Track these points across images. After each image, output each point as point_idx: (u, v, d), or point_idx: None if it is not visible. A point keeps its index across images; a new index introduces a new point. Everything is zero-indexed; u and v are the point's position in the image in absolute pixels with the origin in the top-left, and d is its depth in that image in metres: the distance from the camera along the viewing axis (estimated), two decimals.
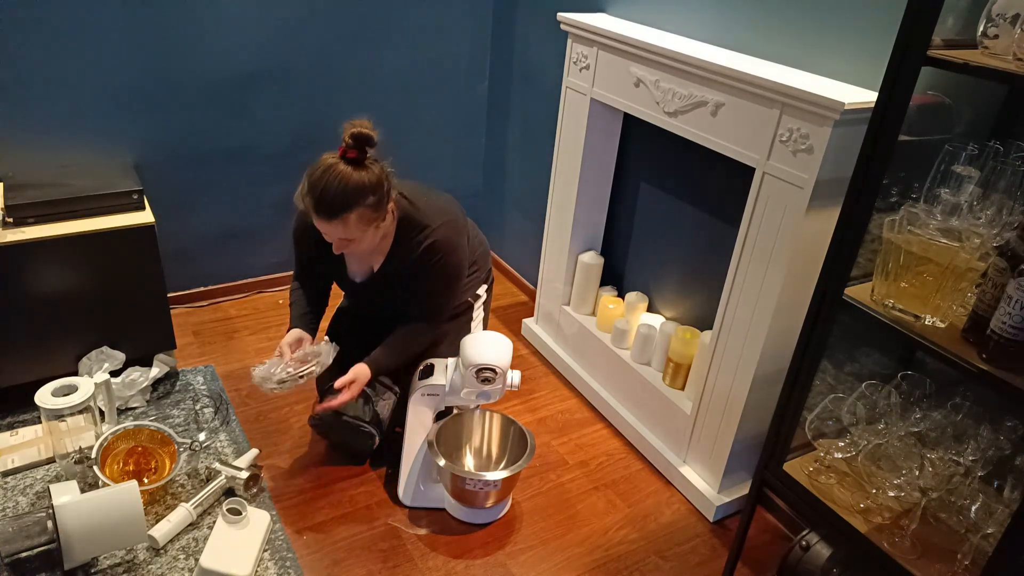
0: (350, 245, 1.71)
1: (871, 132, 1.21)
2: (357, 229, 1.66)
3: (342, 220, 1.62)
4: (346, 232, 1.66)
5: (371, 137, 1.63)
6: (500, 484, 1.79)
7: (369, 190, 1.62)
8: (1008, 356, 1.10)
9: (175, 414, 2.13)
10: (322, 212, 1.62)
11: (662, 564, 1.81)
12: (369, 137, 1.62)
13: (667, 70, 1.84)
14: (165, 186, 2.44)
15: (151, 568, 1.64)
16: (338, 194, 1.60)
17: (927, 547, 1.33)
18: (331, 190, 1.60)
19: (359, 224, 1.65)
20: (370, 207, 1.64)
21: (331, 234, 1.68)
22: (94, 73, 2.21)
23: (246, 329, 2.60)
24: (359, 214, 1.63)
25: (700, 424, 1.97)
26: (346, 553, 1.76)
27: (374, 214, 1.66)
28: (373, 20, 2.58)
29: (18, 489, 1.82)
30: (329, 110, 2.64)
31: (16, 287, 1.96)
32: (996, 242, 1.18)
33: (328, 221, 1.63)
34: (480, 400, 1.81)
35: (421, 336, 1.90)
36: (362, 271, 1.92)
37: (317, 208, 1.62)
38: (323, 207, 1.61)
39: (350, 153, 1.62)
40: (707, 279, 2.08)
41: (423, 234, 1.80)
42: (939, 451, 1.33)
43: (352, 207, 1.61)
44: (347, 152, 1.62)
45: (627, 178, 2.33)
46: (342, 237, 1.68)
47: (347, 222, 1.63)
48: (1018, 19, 1.07)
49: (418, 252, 1.80)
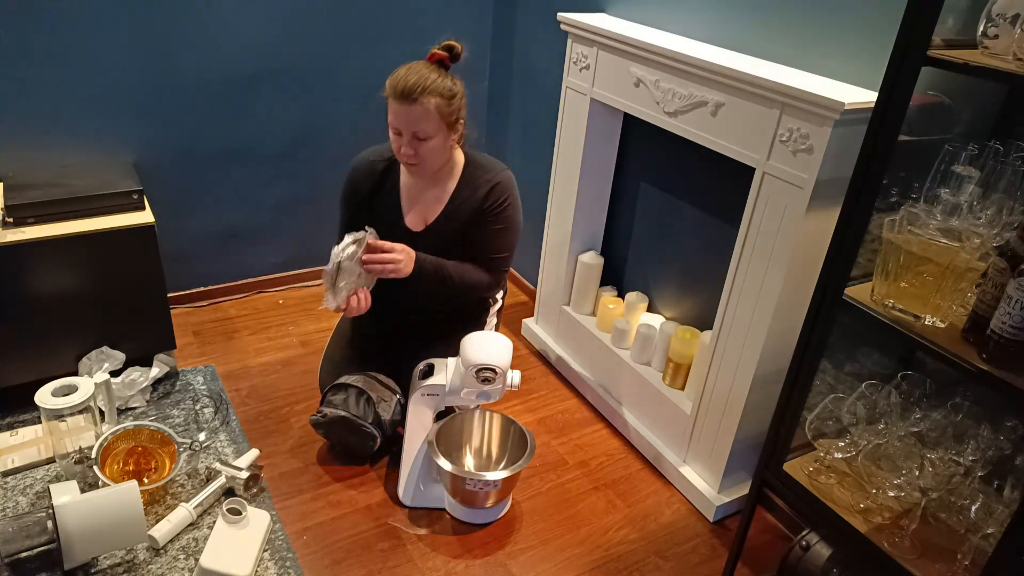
0: (421, 148, 1.74)
1: (871, 132, 1.21)
2: (434, 121, 1.72)
3: (421, 103, 1.69)
4: (423, 121, 1.71)
5: (459, 49, 1.78)
6: (500, 484, 1.79)
7: (446, 84, 1.74)
8: (1008, 356, 1.10)
9: (175, 414, 2.13)
10: (404, 94, 1.69)
11: (662, 564, 1.81)
12: (457, 49, 1.78)
13: (667, 70, 1.84)
14: (165, 186, 2.45)
15: (151, 568, 1.64)
16: (420, 78, 1.70)
17: (927, 547, 1.33)
18: (413, 74, 1.71)
19: (436, 116, 1.72)
20: (447, 100, 1.73)
21: (408, 123, 1.72)
22: (94, 73, 2.21)
23: (246, 329, 2.60)
24: (438, 103, 1.71)
25: (700, 424, 1.97)
26: (346, 553, 1.76)
27: (450, 110, 1.74)
28: (373, 21, 2.58)
29: (18, 489, 1.82)
30: (329, 110, 2.64)
31: (16, 287, 1.96)
32: (996, 242, 1.18)
33: (409, 103, 1.69)
34: (480, 400, 1.81)
35: (479, 278, 1.90)
36: (418, 221, 1.92)
37: (399, 89, 1.69)
38: (405, 88, 1.69)
39: (437, 56, 1.76)
40: (707, 279, 2.08)
41: (488, 175, 1.88)
42: (939, 451, 1.33)
43: (431, 92, 1.70)
44: (434, 55, 1.76)
45: (627, 178, 2.33)
46: (417, 129, 1.72)
47: (425, 106, 1.69)
48: (1018, 19, 1.07)
49: (483, 192, 1.86)
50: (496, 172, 1.89)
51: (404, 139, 1.75)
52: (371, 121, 2.73)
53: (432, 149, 1.77)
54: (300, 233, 2.82)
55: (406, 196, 1.92)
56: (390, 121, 1.75)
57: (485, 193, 1.86)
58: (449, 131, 1.78)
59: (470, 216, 1.87)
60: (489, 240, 1.89)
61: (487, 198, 1.86)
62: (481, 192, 1.86)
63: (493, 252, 1.91)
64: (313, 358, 2.43)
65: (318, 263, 2.92)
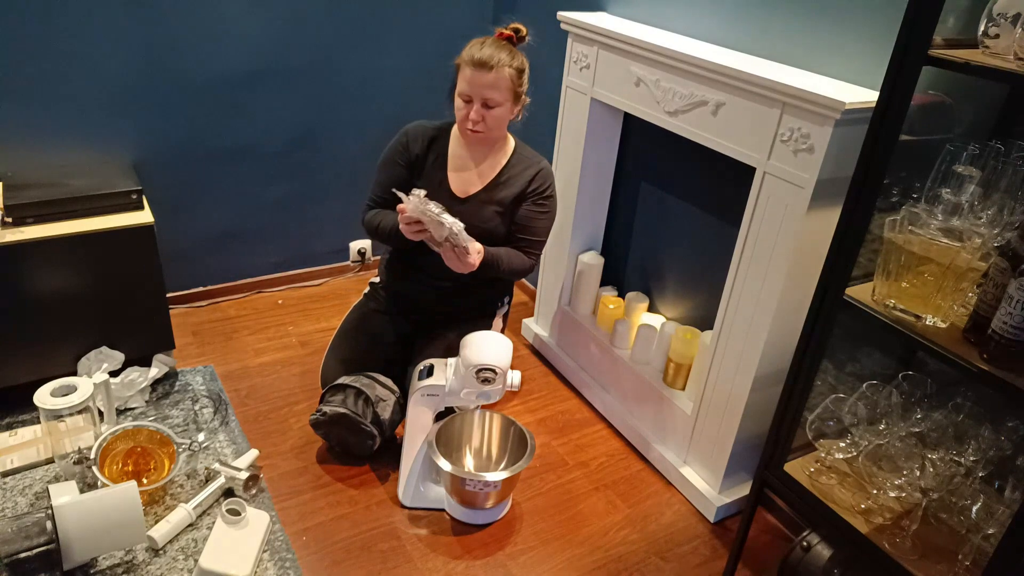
0: (488, 115, 1.82)
1: (872, 132, 1.21)
2: (505, 89, 1.80)
3: (497, 72, 1.78)
4: (496, 87, 1.79)
5: (523, 31, 1.86)
6: (500, 485, 1.78)
7: (520, 62, 1.84)
8: (1009, 356, 1.10)
9: (174, 414, 2.12)
10: (483, 61, 1.77)
11: (663, 565, 1.81)
12: (521, 29, 1.86)
13: (667, 69, 1.83)
14: (164, 186, 2.44)
15: (150, 569, 1.63)
16: (497, 49, 1.80)
17: (928, 547, 1.33)
18: (490, 47, 1.80)
19: (508, 86, 1.81)
20: (519, 72, 1.83)
21: (483, 88, 1.79)
22: (94, 73, 2.20)
23: (245, 329, 2.60)
24: (510, 74, 1.80)
25: (700, 424, 1.96)
26: (346, 553, 1.76)
27: (520, 82, 1.84)
28: (373, 20, 2.58)
29: (17, 489, 1.81)
30: (329, 110, 2.64)
31: (15, 287, 1.96)
32: (997, 242, 1.18)
33: (486, 70, 1.77)
34: (480, 400, 1.80)
35: (522, 262, 1.95)
36: (463, 189, 1.95)
37: (478, 56, 1.77)
38: (484, 56, 1.78)
39: (506, 33, 1.85)
40: (707, 279, 2.08)
41: (536, 160, 1.97)
42: (940, 451, 1.32)
43: (507, 62, 1.79)
44: (503, 33, 1.85)
45: (627, 178, 2.33)
46: (488, 97, 1.79)
47: (502, 75, 1.78)
48: (1019, 19, 1.07)
49: (531, 175, 1.93)
50: (542, 161, 1.98)
51: (474, 106, 1.82)
52: (371, 121, 2.73)
53: (498, 118, 1.84)
54: (300, 233, 2.82)
55: (453, 165, 1.97)
56: (460, 90, 1.83)
57: (532, 176, 1.93)
58: (515, 103, 1.87)
59: (514, 195, 1.93)
60: (532, 222, 1.95)
61: (533, 180, 1.93)
62: (529, 174, 1.93)
63: (534, 235, 1.96)
64: (313, 358, 2.43)
65: (318, 263, 2.92)
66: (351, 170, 2.79)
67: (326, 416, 1.92)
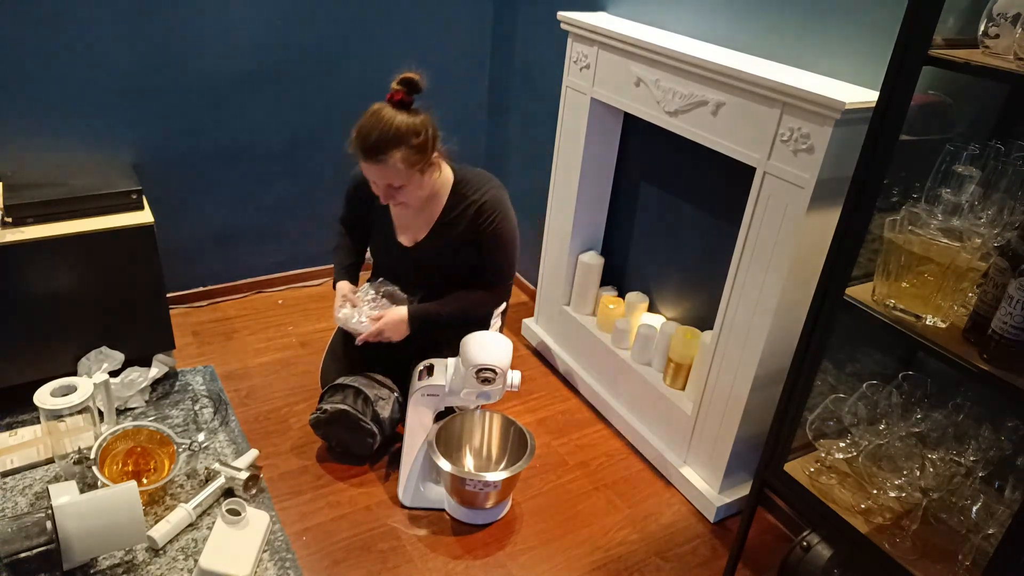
0: (398, 194, 1.75)
1: (872, 132, 1.21)
2: (402, 173, 1.70)
3: (386, 161, 1.68)
4: (392, 176, 1.71)
5: (417, 82, 1.70)
6: (500, 485, 1.78)
7: (413, 131, 1.68)
8: (1009, 356, 1.10)
9: (174, 414, 2.12)
10: (367, 153, 1.68)
11: (663, 565, 1.81)
12: (415, 81, 1.70)
13: (667, 69, 1.83)
14: (165, 186, 2.44)
15: (150, 569, 1.63)
16: (382, 134, 1.66)
17: (928, 548, 1.33)
18: (375, 130, 1.67)
19: (404, 167, 1.69)
20: (414, 149, 1.69)
21: (378, 178, 1.73)
22: (94, 73, 2.20)
23: (245, 329, 2.60)
24: (403, 155, 1.68)
25: (701, 424, 1.96)
26: (346, 553, 1.76)
27: (418, 156, 1.71)
28: (373, 20, 2.58)
29: (17, 489, 1.81)
30: (329, 110, 2.64)
31: (15, 287, 1.96)
32: (997, 242, 1.18)
33: (374, 163, 1.69)
34: (480, 400, 1.80)
35: (478, 304, 1.93)
36: (410, 236, 1.93)
37: (363, 149, 1.68)
38: (368, 147, 1.67)
39: (396, 95, 1.69)
40: (707, 279, 2.08)
41: (476, 195, 1.85)
42: (940, 451, 1.32)
43: (396, 146, 1.66)
44: (394, 95, 1.69)
45: (627, 178, 2.33)
46: (388, 183, 1.72)
47: (392, 163, 1.68)
48: (1019, 19, 1.07)
49: (471, 212, 1.85)
50: (484, 190, 1.86)
51: (380, 188, 1.76)
52: None
53: (410, 193, 1.77)
54: (300, 233, 2.82)
55: (396, 215, 1.94)
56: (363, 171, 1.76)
57: (475, 213, 1.85)
58: (424, 172, 1.75)
59: (461, 235, 1.87)
60: (487, 257, 1.90)
61: (477, 217, 1.85)
62: (471, 212, 1.85)
63: (491, 269, 1.91)
64: (313, 358, 2.43)
65: (317, 263, 2.92)
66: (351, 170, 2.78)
67: (326, 414, 1.92)
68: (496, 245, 1.88)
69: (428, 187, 1.81)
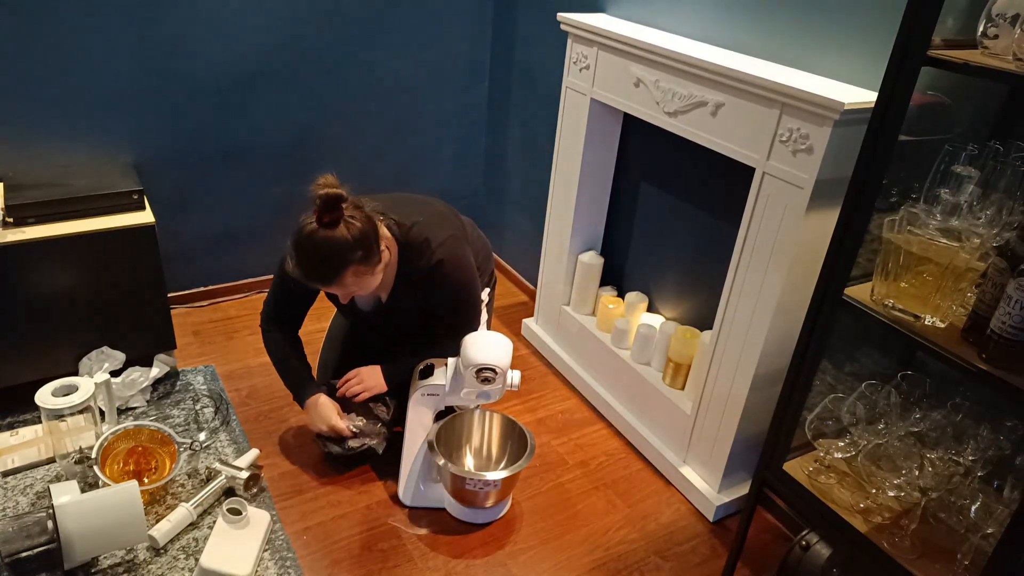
0: (356, 292, 1.73)
1: (871, 132, 1.21)
2: (356, 284, 1.66)
3: (338, 283, 1.64)
4: (345, 289, 1.68)
5: (340, 196, 1.57)
6: (500, 484, 1.79)
7: (355, 246, 1.59)
8: (1008, 356, 1.10)
9: (175, 414, 2.13)
10: (315, 280, 1.64)
11: (662, 564, 1.81)
12: (337, 196, 1.56)
13: (667, 70, 1.84)
14: (165, 186, 2.45)
15: (151, 568, 1.64)
16: (324, 261, 1.59)
17: (927, 547, 1.33)
18: (317, 259, 1.60)
19: (356, 278, 1.65)
20: (361, 261, 1.62)
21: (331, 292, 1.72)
22: (95, 73, 2.21)
23: (246, 329, 2.60)
24: (353, 271, 1.62)
25: (700, 424, 1.97)
26: (346, 553, 1.76)
27: (367, 265, 1.64)
28: (373, 20, 2.58)
29: (18, 489, 1.82)
30: (329, 110, 2.64)
31: (16, 287, 1.96)
32: (996, 242, 1.18)
33: (324, 287, 1.66)
34: (480, 400, 1.81)
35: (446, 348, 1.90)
36: (369, 302, 1.93)
37: (308, 278, 1.64)
38: (314, 276, 1.63)
39: (324, 218, 1.57)
40: (707, 279, 2.08)
41: (425, 257, 1.77)
42: (939, 451, 1.33)
43: (343, 268, 1.60)
44: (321, 217, 1.57)
45: (627, 178, 2.33)
46: (344, 293, 1.70)
47: (344, 282, 1.64)
48: (1018, 19, 1.07)
49: (424, 276, 1.79)
50: (432, 252, 1.76)
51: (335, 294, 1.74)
52: (372, 121, 2.74)
53: (366, 287, 1.70)
54: None
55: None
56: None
57: (428, 276, 1.78)
58: (377, 266, 1.67)
59: (420, 296, 1.84)
60: (448, 314, 1.88)
61: (431, 280, 1.78)
62: (424, 276, 1.79)
63: (454, 323, 1.88)
64: (313, 358, 2.42)
65: None
66: (351, 170, 2.79)
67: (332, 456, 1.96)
68: (457, 301, 1.85)
69: (383, 271, 1.73)
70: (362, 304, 1.93)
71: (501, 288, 3.02)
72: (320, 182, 1.57)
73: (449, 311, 1.87)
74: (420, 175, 2.95)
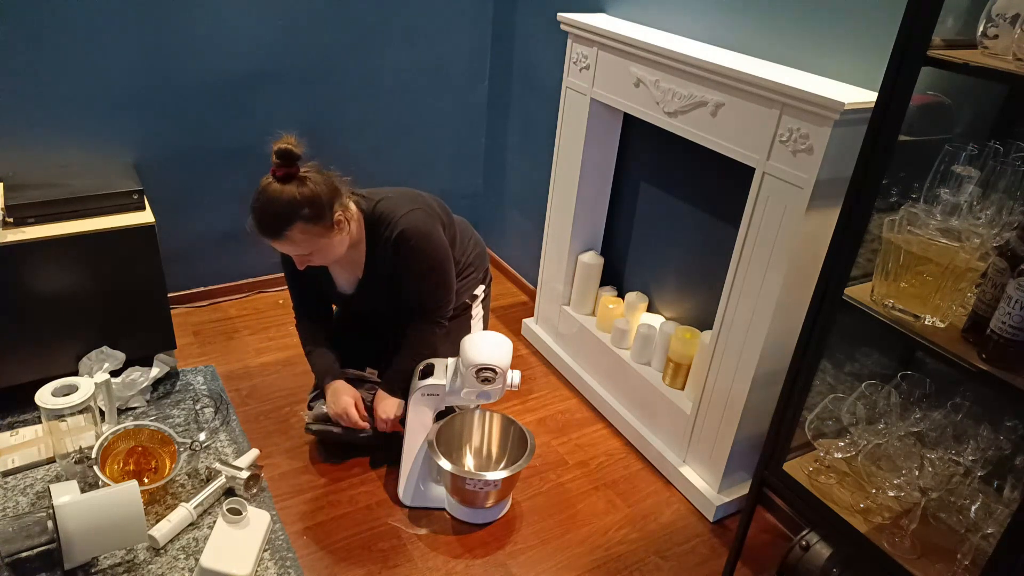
0: (311, 259, 1.72)
1: (871, 132, 1.21)
2: (306, 244, 1.67)
3: (285, 238, 1.64)
4: (295, 248, 1.68)
5: (291, 151, 1.61)
6: (500, 484, 1.79)
7: (302, 203, 1.61)
8: (1008, 356, 1.10)
9: (175, 414, 2.13)
10: (264, 234, 1.65)
11: (662, 564, 1.81)
12: (289, 151, 1.61)
13: (667, 70, 1.84)
14: (165, 186, 2.45)
15: (151, 568, 1.64)
16: (271, 214, 1.62)
17: (927, 547, 1.33)
18: (264, 211, 1.63)
19: (305, 238, 1.65)
20: (308, 220, 1.63)
21: (285, 252, 1.73)
22: (94, 73, 2.21)
23: (246, 329, 2.60)
24: (300, 228, 1.63)
25: (700, 424, 1.97)
26: (346, 553, 1.76)
27: (315, 226, 1.65)
28: (373, 20, 2.58)
29: (18, 489, 1.82)
30: (329, 110, 2.64)
31: (16, 287, 1.96)
32: (996, 242, 1.18)
33: (272, 241, 1.66)
34: (480, 400, 1.81)
35: (428, 336, 1.91)
36: (348, 283, 1.93)
37: (259, 231, 1.65)
38: (262, 228, 1.64)
39: (277, 171, 1.62)
40: (707, 279, 2.08)
41: (388, 228, 1.79)
42: (939, 451, 1.33)
43: (289, 223, 1.61)
44: (275, 171, 1.63)
45: (627, 178, 2.33)
46: (296, 254, 1.71)
47: (291, 239, 1.64)
48: (1018, 19, 1.07)
49: (390, 247, 1.79)
50: (395, 222, 1.77)
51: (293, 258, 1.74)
52: (372, 121, 2.73)
53: (322, 256, 1.72)
54: None
55: (330, 269, 1.92)
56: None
57: (393, 248, 1.79)
58: (330, 231, 1.68)
59: (390, 271, 1.84)
60: (416, 288, 1.86)
61: (397, 251, 1.79)
62: (390, 248, 1.79)
63: (425, 298, 1.87)
64: None
65: None
66: (351, 171, 2.78)
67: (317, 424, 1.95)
68: (422, 272, 1.82)
69: (342, 244, 1.74)
70: (343, 287, 1.94)
71: (501, 288, 3.02)
72: (283, 138, 1.62)
73: (415, 279, 1.83)
74: (420, 175, 2.94)
